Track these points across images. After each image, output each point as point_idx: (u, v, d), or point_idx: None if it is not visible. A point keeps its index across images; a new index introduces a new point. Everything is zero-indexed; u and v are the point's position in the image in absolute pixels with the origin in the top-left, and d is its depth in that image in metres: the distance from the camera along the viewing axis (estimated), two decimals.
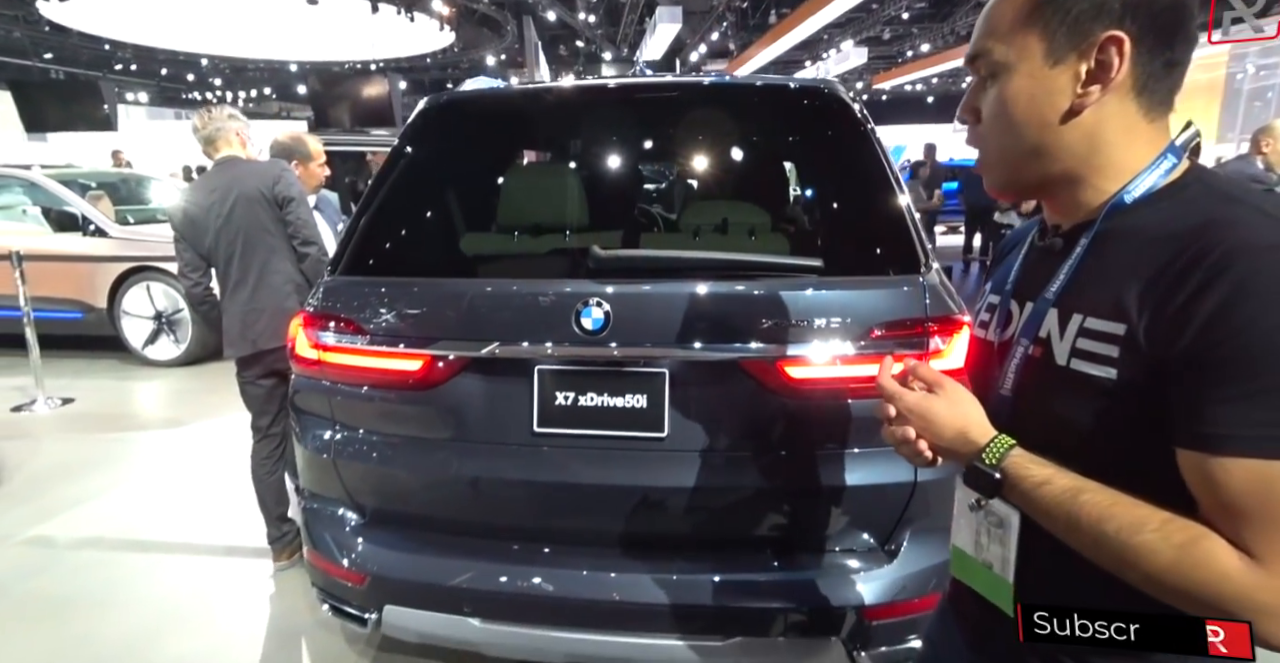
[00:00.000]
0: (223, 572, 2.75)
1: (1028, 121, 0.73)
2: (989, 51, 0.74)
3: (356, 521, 1.78)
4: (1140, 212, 0.71)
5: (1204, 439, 0.62)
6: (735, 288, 1.58)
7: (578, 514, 1.64)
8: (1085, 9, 0.68)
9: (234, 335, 2.55)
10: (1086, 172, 0.74)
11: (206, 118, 2.62)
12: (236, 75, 23.25)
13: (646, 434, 1.57)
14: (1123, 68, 0.68)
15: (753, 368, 1.53)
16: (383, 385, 1.70)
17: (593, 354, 1.56)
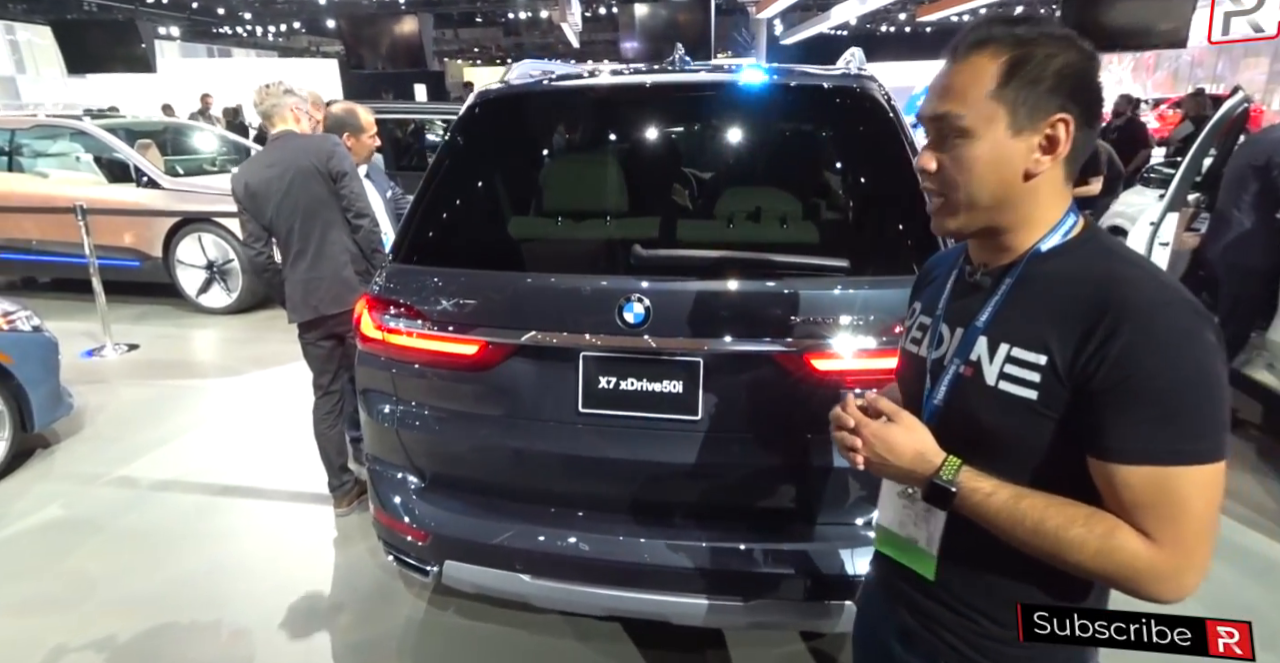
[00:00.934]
0: (289, 515, 3.04)
1: (988, 181, 0.85)
2: (957, 117, 0.84)
3: (418, 484, 1.99)
4: (1052, 260, 0.87)
5: (1112, 452, 0.79)
6: (766, 285, 1.71)
7: (616, 485, 1.82)
8: (1042, 93, 0.81)
9: (296, 302, 2.74)
10: (1020, 224, 0.88)
11: (264, 93, 2.74)
12: (266, 9, 22.92)
13: (681, 417, 1.73)
14: (1068, 143, 0.82)
15: (781, 359, 1.67)
16: (440, 366, 1.87)
17: (633, 344, 1.71)
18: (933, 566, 0.95)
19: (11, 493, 3.19)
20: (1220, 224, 3.41)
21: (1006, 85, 0.82)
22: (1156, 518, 0.77)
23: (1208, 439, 0.77)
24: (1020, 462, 0.85)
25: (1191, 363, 0.76)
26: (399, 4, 20.56)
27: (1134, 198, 4.59)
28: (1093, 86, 0.83)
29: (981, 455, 0.87)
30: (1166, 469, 0.77)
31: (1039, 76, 0.81)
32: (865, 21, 23.55)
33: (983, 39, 0.84)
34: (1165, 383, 0.76)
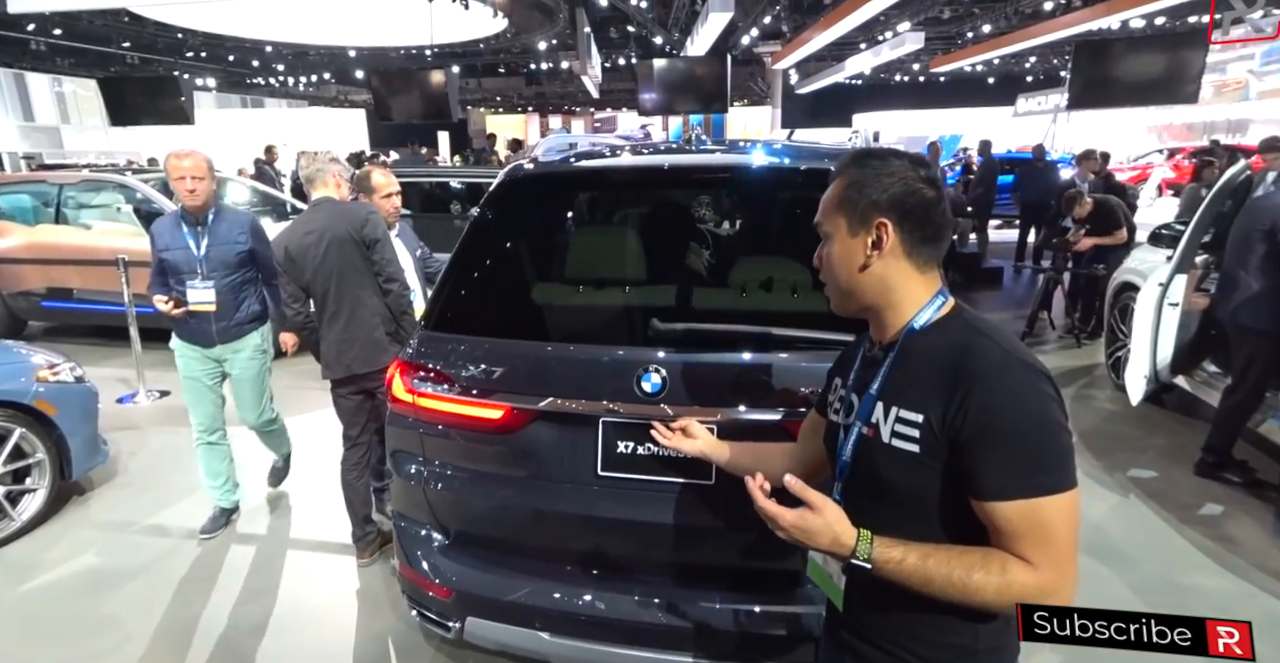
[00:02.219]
0: (314, 565, 3.11)
1: (840, 271, 1.08)
2: (820, 224, 1.11)
3: (442, 541, 2.06)
4: (926, 335, 1.05)
5: (986, 492, 0.94)
6: (777, 357, 1.81)
7: (634, 547, 1.89)
8: (866, 205, 1.04)
9: (330, 359, 2.88)
10: (886, 306, 1.07)
11: (309, 160, 2.94)
12: (298, 60, 23.92)
13: (697, 482, 1.81)
14: (890, 240, 1.03)
15: (791, 428, 1.73)
16: (466, 428, 1.97)
17: (650, 412, 1.80)
18: (841, 595, 1.11)
19: (49, 540, 3.30)
20: (1229, 286, 3.46)
21: (846, 199, 1.06)
22: (1032, 544, 0.92)
23: (1059, 472, 0.93)
24: (916, 506, 1.02)
25: (1034, 411, 0.93)
26: (426, 57, 21.39)
27: (1148, 255, 4.66)
28: (912, 200, 1.03)
29: (884, 502, 1.04)
30: (1032, 501, 0.92)
31: (866, 195, 1.04)
32: (879, 72, 24.08)
33: (838, 169, 1.10)
34: (1014, 429, 0.93)
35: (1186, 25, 15.90)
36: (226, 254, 3.10)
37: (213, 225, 3.09)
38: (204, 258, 3.06)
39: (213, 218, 3.10)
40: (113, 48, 20.11)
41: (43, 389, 3.38)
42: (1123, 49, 8.09)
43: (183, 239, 3.07)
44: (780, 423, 1.76)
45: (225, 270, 3.10)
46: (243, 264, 3.15)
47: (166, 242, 3.07)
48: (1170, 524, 3.28)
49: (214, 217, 3.10)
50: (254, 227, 3.20)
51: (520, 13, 18.27)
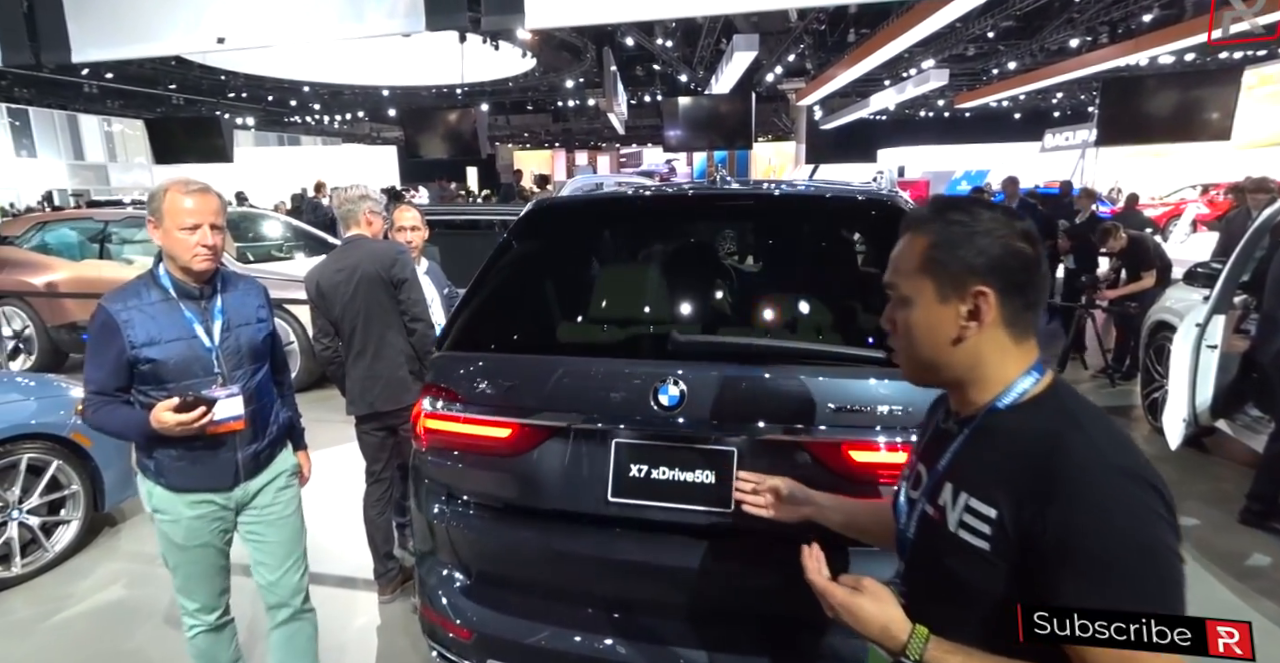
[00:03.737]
0: (334, 601, 3.10)
1: (925, 342, 0.96)
2: (897, 286, 0.97)
3: (464, 581, 2.05)
4: (1010, 416, 0.92)
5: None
6: (802, 372, 1.74)
7: (652, 588, 1.85)
8: (960, 270, 0.91)
9: (355, 396, 2.92)
10: (971, 379, 0.95)
11: (343, 197, 3.01)
12: (334, 100, 24.77)
13: (713, 509, 1.73)
14: (991, 312, 0.91)
15: (817, 449, 1.68)
16: (479, 449, 1.92)
17: (667, 429, 1.74)
18: None
19: (80, 571, 3.34)
20: (1269, 328, 3.37)
21: (931, 260, 0.93)
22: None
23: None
24: (983, 607, 0.88)
25: (1132, 536, 0.78)
26: (456, 95, 22.01)
27: (1183, 294, 4.56)
28: (1014, 263, 0.90)
29: (947, 597, 0.92)
30: (1122, 653, 0.78)
31: (959, 257, 0.91)
32: (904, 107, 24.25)
33: (917, 220, 0.97)
34: (1105, 556, 0.78)
35: (1217, 61, 15.83)
36: (250, 339, 2.05)
37: (225, 298, 2.03)
38: (219, 349, 1.99)
39: (221, 284, 2.04)
40: (160, 90, 21.03)
41: (79, 422, 3.45)
42: (1153, 85, 8.05)
43: (183, 324, 1.95)
44: (807, 443, 1.69)
45: (251, 363, 2.06)
46: (266, 351, 2.14)
47: (151, 331, 1.91)
48: (1214, 575, 3.15)
49: (221, 285, 2.04)
50: (267, 295, 2.20)
51: (549, 53, 18.80)
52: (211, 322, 2.00)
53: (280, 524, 2.20)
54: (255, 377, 2.08)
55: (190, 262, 1.92)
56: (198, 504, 2.05)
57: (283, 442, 2.25)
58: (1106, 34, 16.46)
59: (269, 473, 2.18)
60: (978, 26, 15.40)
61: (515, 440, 1.87)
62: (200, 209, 1.90)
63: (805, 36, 16.69)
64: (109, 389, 1.95)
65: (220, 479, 2.06)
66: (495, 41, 14.52)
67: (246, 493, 2.13)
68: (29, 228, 7.09)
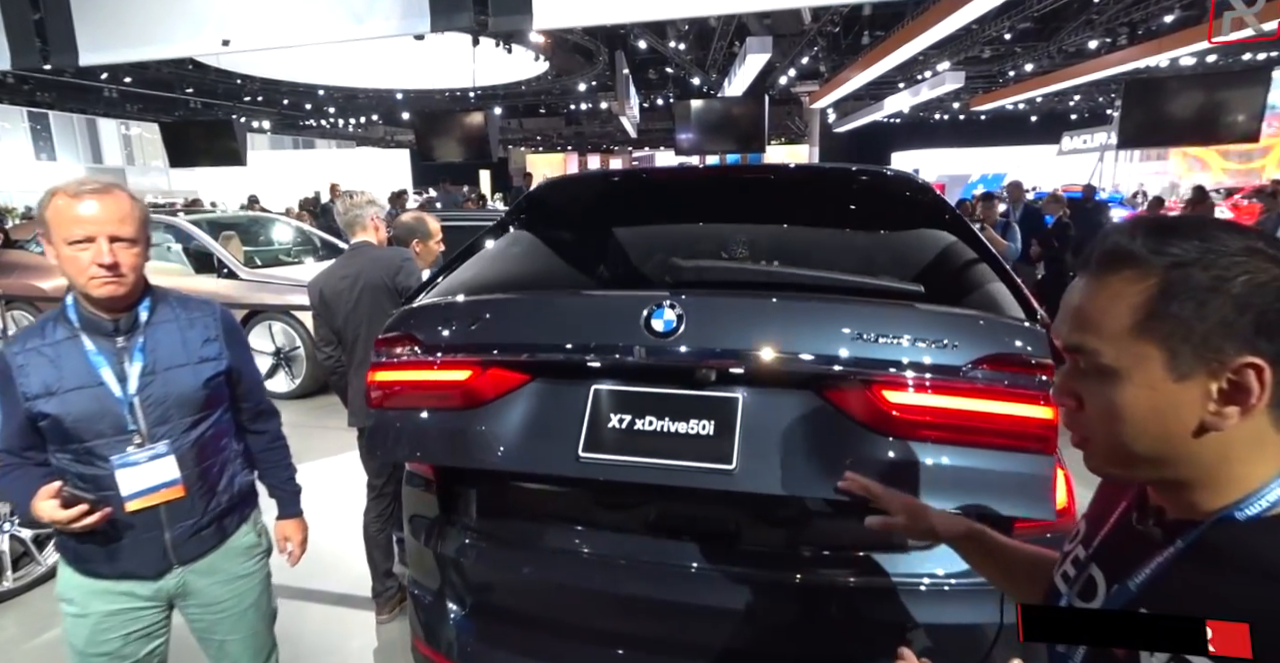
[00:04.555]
0: (330, 620, 3.01)
1: (1146, 432, 0.66)
2: (1095, 352, 0.67)
3: (458, 612, 1.94)
4: (1249, 534, 0.64)
5: None
6: (828, 303, 1.49)
7: (660, 625, 1.73)
8: (1213, 329, 0.62)
9: (357, 407, 2.82)
10: (1202, 482, 0.67)
11: (349, 203, 2.92)
12: (348, 103, 24.88)
13: (713, 466, 1.42)
14: (1263, 393, 0.61)
15: (843, 390, 1.40)
16: (431, 403, 1.62)
17: (659, 362, 1.44)
18: None
19: None
20: None
21: (1157, 318, 0.63)
22: None
23: None
24: None
25: None
26: (469, 98, 22.04)
27: None
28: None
29: None
30: None
31: (1210, 312, 0.61)
32: (918, 110, 24.03)
33: (1123, 255, 0.66)
34: None
35: (1241, 63, 15.54)
36: (185, 385, 1.60)
37: (154, 332, 1.59)
38: (137, 399, 1.54)
39: (147, 316, 1.59)
40: (177, 93, 21.22)
41: None
42: (1176, 86, 7.85)
43: (86, 368, 1.52)
44: (825, 376, 1.42)
45: (187, 415, 1.61)
46: (216, 397, 1.67)
47: (47, 378, 1.50)
48: None
49: (149, 313, 1.59)
50: (227, 322, 1.73)
51: (561, 56, 18.76)
52: (128, 364, 1.54)
53: (237, 622, 1.74)
54: (194, 431, 1.62)
55: (87, 286, 1.47)
56: (113, 596, 1.58)
57: (239, 513, 1.77)
58: (1126, 35, 16.21)
59: (218, 558, 1.70)
60: (994, 28, 15.20)
61: (474, 387, 1.55)
62: (94, 217, 1.44)
63: (819, 39, 16.56)
64: (16, 449, 1.56)
65: (141, 565, 1.58)
66: (508, 44, 14.49)
67: (183, 584, 1.66)
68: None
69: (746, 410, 1.42)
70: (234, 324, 1.76)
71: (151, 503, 1.56)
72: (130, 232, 1.49)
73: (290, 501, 1.91)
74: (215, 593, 1.71)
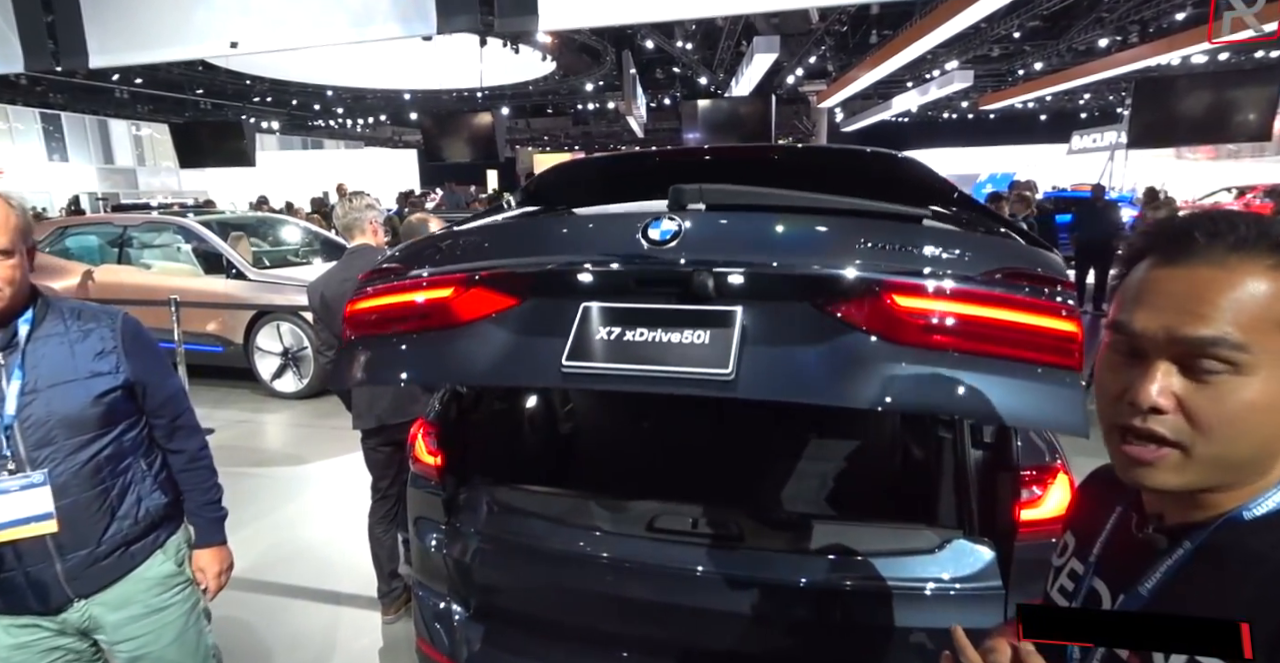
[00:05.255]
0: (336, 620, 3.02)
1: (1258, 434, 0.63)
2: (1236, 346, 0.62)
3: (463, 614, 1.94)
4: (1260, 532, 0.64)
5: None
6: (834, 217, 1.43)
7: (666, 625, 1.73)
8: None
9: (361, 409, 2.83)
10: (1246, 483, 0.66)
11: (347, 207, 2.93)
12: (356, 104, 24.96)
13: (705, 371, 1.28)
14: None
15: (851, 299, 1.30)
16: (408, 327, 1.53)
17: (653, 271, 1.34)
18: None
19: None
20: None
21: None
22: None
23: None
24: None
25: None
26: (477, 99, 22.08)
27: None
28: None
29: None
30: None
31: None
32: (927, 109, 23.92)
33: (1258, 244, 0.63)
34: None
35: (1253, 61, 15.39)
36: (72, 403, 1.50)
37: (37, 346, 1.49)
38: (15, 421, 1.45)
39: (29, 329, 1.50)
40: (187, 94, 21.35)
41: None
42: (1187, 85, 7.81)
43: None
44: (828, 283, 1.32)
45: (74, 436, 1.50)
46: (115, 416, 1.56)
47: None
48: None
49: (32, 326, 1.50)
50: (129, 331, 1.61)
51: (568, 56, 18.76)
52: (4, 383, 1.44)
53: (158, 661, 1.62)
54: (84, 452, 1.50)
55: None
56: (20, 629, 1.49)
57: (151, 540, 1.62)
58: (1137, 33, 16.07)
59: (129, 588, 1.57)
60: (1003, 27, 15.10)
61: (455, 307, 1.45)
62: None
63: (826, 38, 16.50)
64: None
65: (35, 598, 1.47)
66: (515, 45, 14.51)
67: (90, 618, 1.54)
68: (50, 232, 7.15)
69: (746, 322, 1.30)
70: (138, 332, 1.62)
71: (19, 537, 1.43)
72: (5, 243, 1.38)
73: (208, 528, 1.75)
74: (130, 629, 1.58)
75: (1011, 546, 1.55)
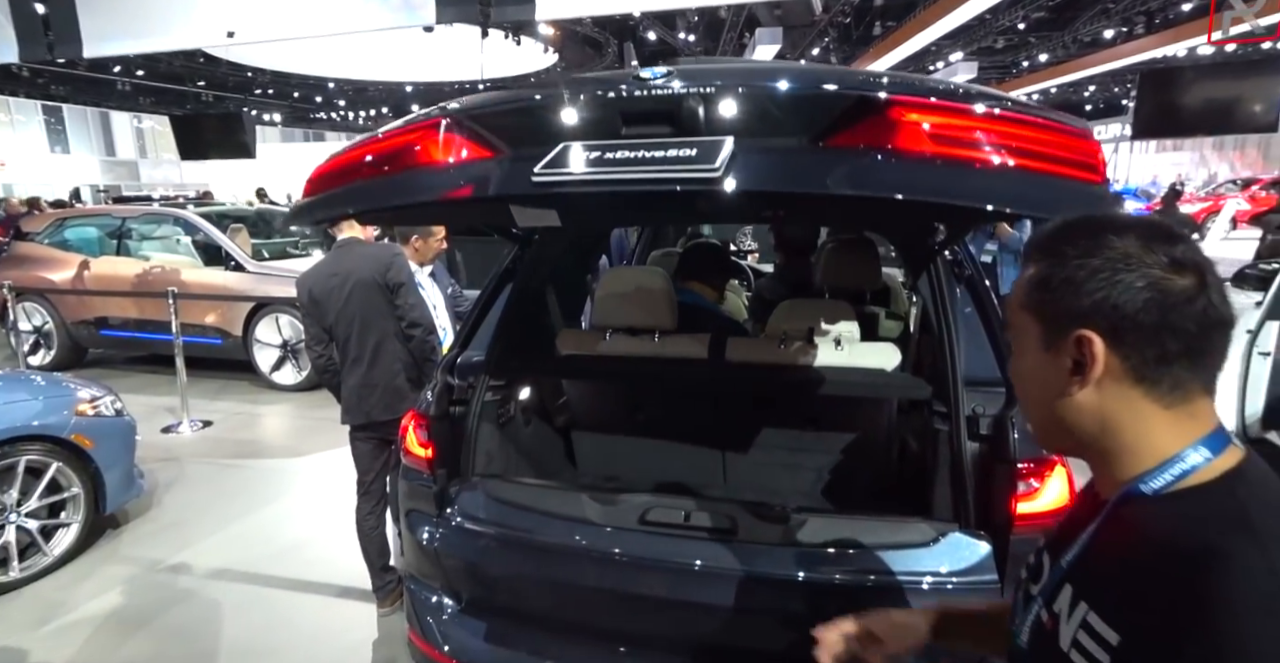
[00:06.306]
0: (332, 612, 3.02)
1: (1031, 396, 0.78)
2: (1008, 323, 0.80)
3: (454, 607, 1.93)
4: (1155, 507, 0.69)
5: None
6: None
7: (658, 622, 1.71)
8: (1059, 311, 0.71)
9: (350, 405, 2.81)
10: (1103, 450, 0.73)
11: None
12: (358, 96, 24.92)
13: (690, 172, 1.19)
14: (1099, 364, 0.69)
15: (854, 119, 1.18)
16: (387, 164, 1.49)
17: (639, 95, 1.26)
18: None
19: (79, 575, 3.29)
20: None
21: (1034, 295, 0.74)
22: None
23: None
24: None
25: None
26: (478, 90, 22.01)
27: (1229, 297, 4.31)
28: (1133, 302, 0.66)
29: None
30: None
31: (1060, 296, 0.70)
32: None
33: (1029, 251, 0.76)
34: None
35: (1260, 52, 15.26)
36: None
37: None
38: None
39: None
40: (189, 86, 21.32)
41: (82, 423, 3.40)
42: (1193, 76, 7.71)
43: None
44: (823, 101, 1.24)
45: None
46: None
47: None
48: None
49: None
50: None
51: (570, 48, 18.69)
52: None
53: None
54: None
55: None
56: None
57: None
58: (1142, 24, 15.95)
59: None
60: (1007, 18, 15.00)
61: (428, 149, 1.41)
62: None
63: (830, 30, 16.40)
64: None
65: None
66: (517, 36, 14.43)
67: None
68: (49, 223, 7.14)
69: (737, 145, 1.21)
70: None
71: None
72: None
73: None
74: None
75: (1008, 539, 1.54)
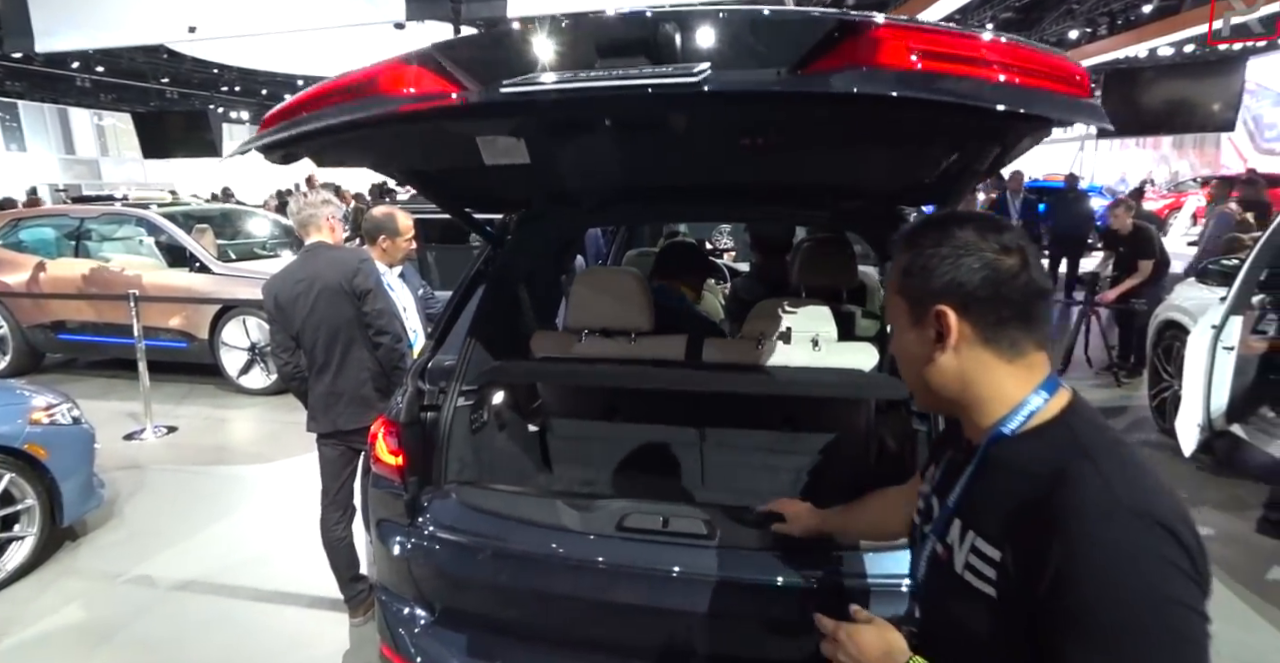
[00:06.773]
0: (303, 622, 2.95)
1: (906, 366, 0.93)
2: (886, 308, 0.96)
3: (427, 618, 1.88)
4: (1016, 445, 0.84)
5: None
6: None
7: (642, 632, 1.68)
8: (920, 293, 0.87)
9: (317, 413, 2.75)
10: (967, 403, 0.88)
11: (302, 202, 2.81)
12: None
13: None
14: (954, 331, 0.85)
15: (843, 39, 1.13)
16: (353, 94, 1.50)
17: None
18: None
19: (35, 589, 3.17)
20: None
21: (901, 281, 0.89)
22: None
23: None
24: (990, 658, 0.82)
25: (1136, 589, 0.69)
26: None
27: (1192, 292, 4.39)
28: (973, 279, 0.83)
29: (954, 645, 0.86)
30: None
31: (919, 281, 0.86)
32: None
33: (895, 247, 0.92)
34: (1102, 610, 0.69)
35: (1217, 53, 15.64)
36: None
37: None
38: None
39: None
40: (152, 83, 20.78)
41: (36, 431, 3.28)
42: (1154, 77, 7.89)
43: None
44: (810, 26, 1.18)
45: None
46: None
47: None
48: (1231, 590, 2.99)
49: None
50: None
51: None
52: None
53: None
54: None
55: None
56: None
57: None
58: (1106, 26, 16.27)
59: None
60: (976, 18, 15.20)
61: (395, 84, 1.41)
62: None
63: None
64: None
65: None
66: None
67: None
68: (3, 225, 6.89)
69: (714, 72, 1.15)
70: None
71: None
72: None
73: None
74: None
75: None
